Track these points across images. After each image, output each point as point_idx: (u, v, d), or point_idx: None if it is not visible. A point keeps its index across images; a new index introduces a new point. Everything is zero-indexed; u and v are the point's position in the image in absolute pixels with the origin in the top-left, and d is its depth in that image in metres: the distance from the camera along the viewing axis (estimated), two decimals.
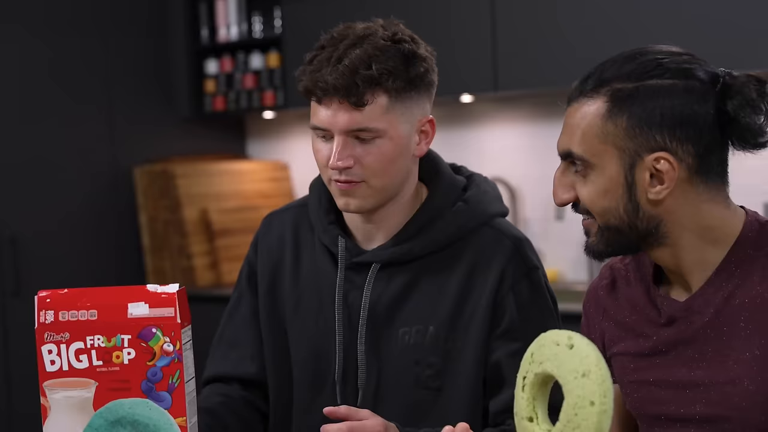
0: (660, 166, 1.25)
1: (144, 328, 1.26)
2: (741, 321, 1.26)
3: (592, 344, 1.11)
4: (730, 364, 1.26)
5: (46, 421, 1.30)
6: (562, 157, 1.31)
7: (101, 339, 1.27)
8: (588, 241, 1.32)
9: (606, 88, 1.26)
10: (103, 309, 1.27)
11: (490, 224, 1.58)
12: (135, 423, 1.26)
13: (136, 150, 4.00)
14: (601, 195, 1.27)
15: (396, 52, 1.48)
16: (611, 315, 1.41)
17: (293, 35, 3.85)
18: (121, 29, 3.95)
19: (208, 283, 3.89)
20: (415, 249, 1.55)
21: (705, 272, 1.30)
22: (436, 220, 1.56)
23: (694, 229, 1.28)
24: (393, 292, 1.56)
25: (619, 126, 1.25)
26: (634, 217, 1.27)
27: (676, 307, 1.32)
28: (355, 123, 1.46)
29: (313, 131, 1.53)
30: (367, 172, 1.48)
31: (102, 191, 3.90)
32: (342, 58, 1.45)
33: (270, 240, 1.67)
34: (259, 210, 4.11)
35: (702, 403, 1.29)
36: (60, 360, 1.28)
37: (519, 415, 1.18)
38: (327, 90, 1.45)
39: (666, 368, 1.32)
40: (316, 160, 1.53)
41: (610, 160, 1.26)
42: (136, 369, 1.26)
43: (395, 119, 1.49)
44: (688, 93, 1.25)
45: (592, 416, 1.08)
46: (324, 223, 1.60)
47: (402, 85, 1.48)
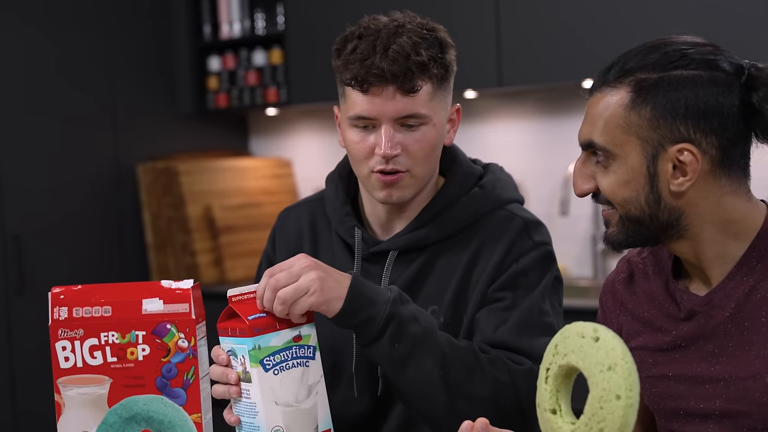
0: (683, 158, 1.23)
1: (158, 324, 1.25)
2: (762, 316, 1.25)
3: (618, 337, 1.09)
4: (751, 359, 1.25)
5: (60, 418, 1.29)
6: (583, 147, 1.29)
7: (115, 335, 1.26)
8: (607, 232, 1.30)
9: (630, 78, 1.24)
10: (117, 305, 1.26)
11: (504, 208, 1.58)
12: (149, 419, 1.25)
13: (139, 147, 4.00)
14: (622, 185, 1.25)
15: (434, 40, 1.49)
16: (629, 309, 1.40)
17: (296, 32, 3.84)
18: (123, 26, 3.94)
19: (212, 280, 3.89)
20: (432, 234, 1.55)
21: (726, 266, 1.28)
22: (452, 206, 1.56)
23: (716, 222, 1.27)
24: (408, 278, 1.55)
25: (642, 116, 1.23)
26: (656, 208, 1.25)
27: (696, 302, 1.30)
28: (406, 109, 1.46)
29: (348, 122, 1.51)
30: (411, 161, 1.48)
31: (105, 189, 3.89)
32: (389, 46, 1.44)
33: (287, 234, 1.66)
34: (263, 207, 4.11)
35: (722, 399, 1.27)
36: (74, 356, 1.27)
37: (542, 407, 1.16)
38: (383, 77, 1.44)
39: (685, 363, 1.31)
40: (353, 152, 1.51)
41: (632, 150, 1.24)
42: (151, 365, 1.25)
43: (437, 106, 1.50)
44: (713, 84, 1.23)
45: (617, 410, 1.06)
46: (340, 215, 1.59)
47: (442, 72, 1.49)
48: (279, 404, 1.27)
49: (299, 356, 1.30)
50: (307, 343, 1.32)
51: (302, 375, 1.30)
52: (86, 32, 3.82)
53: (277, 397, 1.27)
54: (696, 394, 1.29)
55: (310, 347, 1.32)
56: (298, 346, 1.30)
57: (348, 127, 1.51)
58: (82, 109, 3.80)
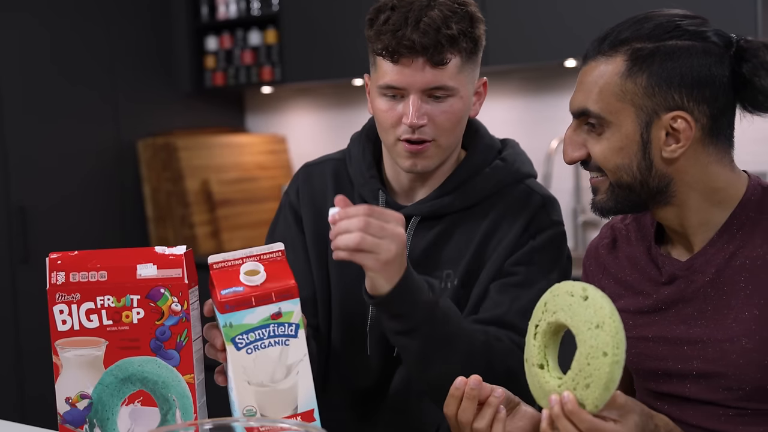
0: (677, 125, 1.22)
1: (152, 288, 1.23)
2: (741, 281, 1.24)
3: (606, 297, 1.09)
4: (729, 322, 1.25)
5: (58, 379, 1.27)
6: (575, 115, 1.28)
7: (111, 299, 1.24)
8: (596, 199, 1.29)
9: (626, 47, 1.23)
10: (113, 270, 1.24)
11: (524, 182, 1.58)
12: (144, 380, 1.24)
13: (139, 124, 3.98)
14: (615, 152, 1.24)
15: (465, 14, 1.46)
16: (611, 273, 1.39)
17: (290, 12, 3.81)
18: (123, 7, 3.92)
19: (209, 251, 3.87)
20: (456, 203, 1.54)
21: (708, 233, 1.27)
22: (475, 176, 1.55)
23: (702, 190, 1.26)
24: (426, 243, 1.55)
25: (638, 84, 1.22)
26: (647, 174, 1.24)
27: (678, 266, 1.29)
28: (434, 81, 1.44)
29: (377, 90, 1.49)
30: (437, 131, 1.47)
31: (107, 164, 3.88)
32: (420, 18, 1.42)
33: (312, 188, 1.63)
34: (258, 181, 4.10)
35: (699, 360, 1.27)
36: (71, 320, 1.26)
37: (530, 362, 1.16)
38: (413, 48, 1.42)
39: (665, 325, 1.30)
40: (381, 119, 1.50)
41: (626, 117, 1.23)
42: (145, 328, 1.24)
43: (464, 79, 1.48)
44: (706, 55, 1.23)
45: (604, 366, 1.06)
46: (366, 177, 1.58)
47: (471, 46, 1.47)
48: (252, 384, 1.20)
49: (277, 335, 1.20)
50: (288, 321, 1.20)
51: (280, 354, 1.20)
52: (87, 14, 3.78)
53: (249, 376, 1.19)
54: (674, 355, 1.29)
55: (292, 325, 1.20)
56: (276, 324, 1.20)
57: (377, 95, 1.49)
58: (85, 87, 3.78)
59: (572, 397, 1.08)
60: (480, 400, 1.24)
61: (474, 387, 1.23)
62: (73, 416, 1.28)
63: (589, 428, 1.08)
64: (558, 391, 1.11)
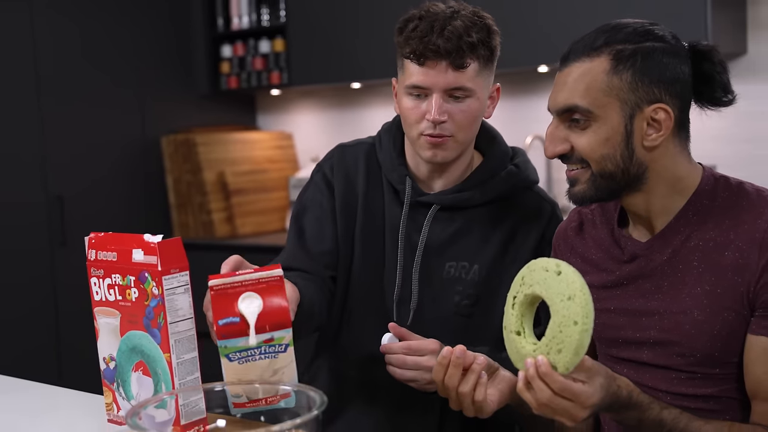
0: (657, 116, 1.21)
1: (140, 272, 1.20)
2: (695, 261, 1.24)
3: (578, 272, 1.08)
4: (683, 297, 1.24)
5: (99, 340, 1.28)
6: (559, 112, 1.25)
7: (119, 277, 1.23)
8: (575, 189, 1.27)
9: (608, 48, 1.22)
10: (120, 252, 1.23)
11: (532, 189, 1.60)
12: (142, 353, 1.22)
13: (162, 122, 3.97)
14: (602, 143, 1.22)
15: (483, 26, 1.47)
16: (578, 252, 1.39)
17: (295, 24, 3.80)
18: (149, 19, 3.90)
19: (225, 235, 3.87)
20: (475, 198, 1.55)
21: (667, 217, 1.27)
22: (494, 176, 1.56)
23: (668, 178, 1.26)
24: (446, 232, 1.55)
25: (624, 80, 1.21)
26: (629, 162, 1.23)
27: (639, 247, 1.29)
28: (455, 82, 1.45)
29: (404, 90, 1.49)
30: (455, 128, 1.47)
31: (134, 157, 3.87)
32: (445, 27, 1.43)
33: (346, 164, 1.63)
34: (268, 173, 4.09)
35: (655, 329, 1.27)
36: (100, 291, 1.26)
37: (508, 329, 1.16)
38: (438, 52, 1.43)
39: (625, 298, 1.30)
40: (406, 116, 1.50)
41: (612, 110, 1.21)
42: (139, 306, 1.21)
43: (481, 82, 1.49)
44: (675, 55, 1.23)
45: (575, 334, 1.05)
46: (395, 163, 1.58)
47: (488, 54, 1.48)
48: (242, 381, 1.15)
49: (268, 352, 1.15)
50: (280, 342, 1.15)
51: (269, 364, 1.15)
52: (119, 25, 3.77)
53: (240, 377, 1.15)
54: (633, 325, 1.29)
55: (282, 344, 1.15)
56: (268, 345, 1.14)
57: (404, 94, 1.50)
58: (115, 89, 3.77)
59: (546, 361, 1.08)
60: (464, 367, 1.24)
61: (459, 356, 1.23)
62: (107, 374, 1.29)
63: (560, 388, 1.08)
64: (533, 355, 1.10)
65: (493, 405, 1.27)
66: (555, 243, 1.45)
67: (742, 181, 1.28)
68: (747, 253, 1.20)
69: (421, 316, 1.54)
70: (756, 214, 1.21)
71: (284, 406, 1.10)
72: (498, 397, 1.27)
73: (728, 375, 1.24)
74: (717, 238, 1.23)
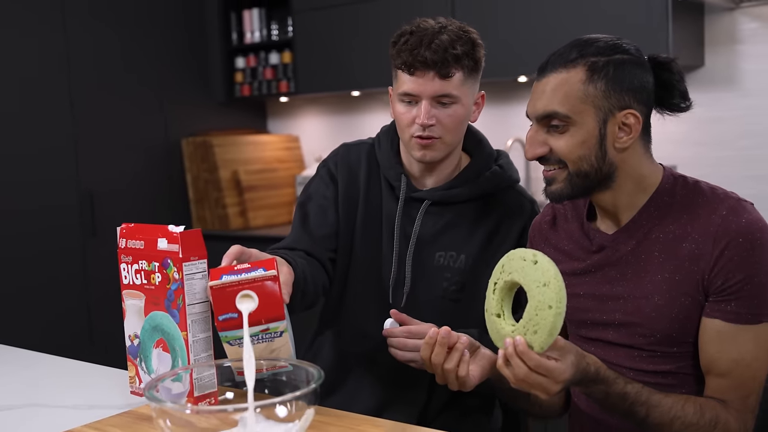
0: (628, 121, 1.21)
1: (164, 258, 1.20)
2: (656, 251, 1.23)
3: (552, 261, 1.08)
4: (645, 283, 1.24)
5: (125, 320, 1.28)
6: (538, 118, 1.24)
7: (145, 263, 1.23)
8: (552, 188, 1.26)
9: (584, 60, 1.21)
10: (146, 241, 1.23)
11: (514, 187, 1.60)
12: (163, 331, 1.22)
13: (182, 126, 3.95)
14: (578, 145, 1.21)
15: (468, 40, 1.47)
16: (552, 243, 1.38)
17: (302, 38, 3.78)
18: (172, 34, 3.89)
19: (238, 227, 3.86)
20: (462, 194, 1.54)
21: (632, 212, 1.26)
22: (479, 175, 1.56)
23: (634, 177, 1.25)
24: (437, 225, 1.54)
25: (598, 89, 1.20)
26: (602, 162, 1.22)
27: (605, 238, 1.28)
28: (442, 90, 1.45)
29: (397, 96, 1.49)
30: (443, 131, 1.47)
31: (157, 157, 3.85)
32: (432, 40, 1.43)
33: (349, 161, 1.62)
34: (277, 171, 4.08)
35: (620, 312, 1.26)
36: (129, 276, 1.26)
37: (489, 312, 1.15)
38: (426, 63, 1.43)
39: (593, 284, 1.29)
40: (400, 120, 1.50)
41: (588, 116, 1.21)
42: (162, 289, 1.21)
43: (467, 90, 1.48)
44: (640, 66, 1.22)
45: (549, 317, 1.05)
46: (392, 162, 1.58)
47: (472, 65, 1.47)
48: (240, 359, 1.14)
49: (265, 338, 1.14)
50: (275, 331, 1.14)
51: (266, 347, 1.15)
52: (145, 39, 3.76)
53: (239, 356, 1.13)
54: (600, 309, 1.28)
55: (278, 332, 1.14)
56: (264, 333, 1.14)
57: (397, 101, 1.50)
58: (141, 97, 3.75)
59: (523, 341, 1.07)
60: (449, 346, 1.24)
61: (444, 336, 1.23)
62: (131, 350, 1.29)
63: (536, 365, 1.07)
64: (511, 335, 1.10)
65: (474, 380, 1.26)
66: (531, 235, 1.44)
67: (698, 180, 1.27)
68: (702, 245, 1.19)
69: (413, 299, 1.53)
70: (710, 209, 1.21)
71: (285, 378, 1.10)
72: (479, 372, 1.27)
73: (685, 353, 1.23)
74: (676, 231, 1.22)
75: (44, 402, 1.33)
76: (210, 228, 3.86)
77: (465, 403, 1.56)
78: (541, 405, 1.37)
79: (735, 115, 2.97)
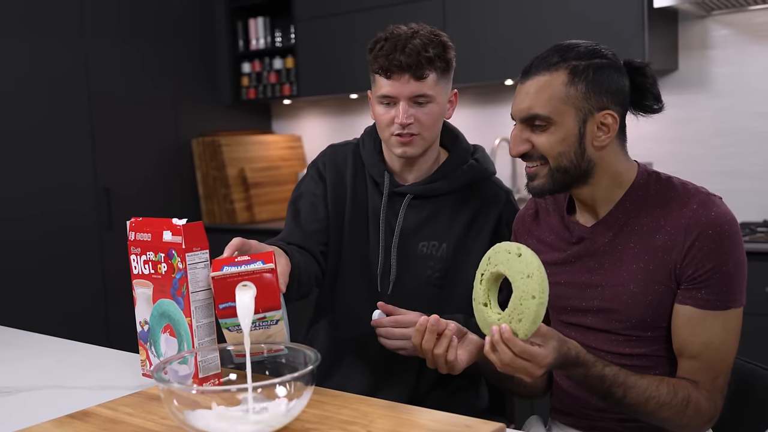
0: (606, 121, 1.20)
1: (169, 249, 1.19)
2: (631, 242, 1.23)
3: (535, 254, 1.07)
4: (621, 272, 1.23)
5: (136, 307, 1.28)
6: (522, 119, 1.23)
7: (152, 254, 1.22)
8: (534, 183, 1.25)
9: (565, 64, 1.20)
10: (153, 234, 1.22)
11: (490, 179, 1.59)
12: (169, 317, 1.22)
13: (192, 127, 3.94)
14: (559, 142, 1.21)
15: (439, 43, 1.46)
16: (535, 235, 1.38)
17: (303, 45, 3.77)
18: (183, 42, 3.88)
19: (245, 221, 3.85)
20: (442, 187, 1.54)
21: (608, 206, 1.26)
22: (457, 169, 1.55)
23: (610, 173, 1.24)
24: (419, 217, 1.54)
25: (579, 91, 1.19)
26: (581, 159, 1.22)
27: (584, 231, 1.28)
28: (417, 91, 1.44)
29: (376, 99, 1.49)
30: (420, 128, 1.47)
31: (169, 156, 3.84)
32: (406, 45, 1.43)
33: (336, 160, 1.62)
34: (281, 169, 4.07)
35: (598, 299, 1.26)
36: (138, 266, 1.25)
37: (476, 301, 1.14)
38: (401, 67, 1.43)
39: (573, 274, 1.29)
40: (380, 121, 1.50)
41: (568, 116, 1.20)
42: (168, 278, 1.20)
43: (440, 90, 1.47)
44: (617, 70, 1.22)
45: (533, 306, 1.04)
46: (375, 160, 1.58)
47: (444, 66, 1.47)
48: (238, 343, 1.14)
49: (261, 326, 1.13)
50: (272, 319, 1.13)
51: (262, 333, 1.14)
52: (159, 47, 3.75)
53: (237, 341, 1.14)
54: (580, 296, 1.28)
55: (274, 320, 1.13)
56: (261, 321, 1.13)
57: (376, 103, 1.49)
58: (153, 100, 3.74)
59: (508, 328, 1.07)
60: (438, 333, 1.23)
61: (433, 323, 1.22)
62: (142, 335, 1.28)
63: (520, 351, 1.07)
64: (497, 323, 1.09)
65: (462, 364, 1.26)
66: (515, 228, 1.43)
67: (671, 175, 1.27)
68: (674, 236, 1.19)
69: (399, 286, 1.53)
70: (682, 203, 1.20)
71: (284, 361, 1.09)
72: (467, 357, 1.27)
73: (658, 337, 1.23)
74: (650, 223, 1.22)
75: (62, 384, 1.32)
76: (218, 222, 3.86)
77: (453, 384, 1.56)
78: (525, 386, 1.36)
79: (707, 115, 2.97)
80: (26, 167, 3.29)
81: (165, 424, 1.03)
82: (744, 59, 2.87)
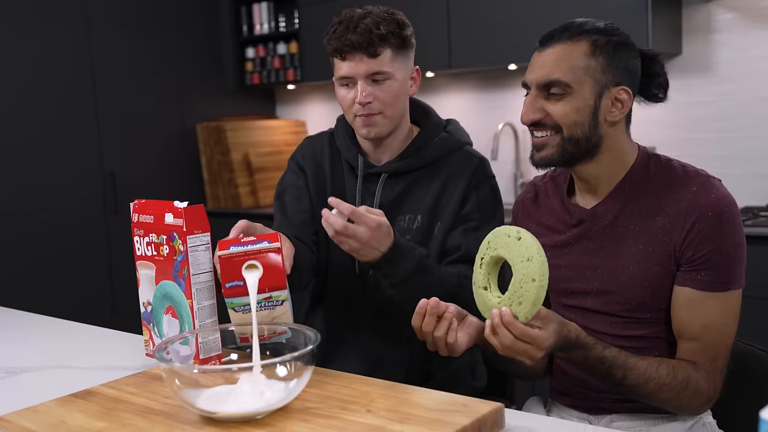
0: (620, 96, 1.21)
1: (171, 231, 1.19)
2: (631, 224, 1.23)
3: (535, 237, 1.07)
4: (621, 254, 1.23)
5: (140, 288, 1.28)
6: (539, 85, 1.22)
7: (154, 236, 1.22)
8: (542, 153, 1.23)
9: (588, 36, 1.20)
10: (156, 216, 1.22)
11: (463, 149, 1.57)
12: (171, 298, 1.22)
13: (197, 112, 3.93)
14: (574, 111, 1.20)
15: (392, 20, 1.46)
16: (535, 218, 1.37)
17: (307, 30, 3.75)
18: (187, 27, 3.87)
19: (249, 205, 3.85)
20: (416, 163, 1.53)
21: (609, 186, 1.25)
22: (428, 143, 1.54)
23: (616, 152, 1.24)
24: (395, 194, 1.54)
25: (599, 63, 1.19)
26: (593, 131, 1.21)
27: (584, 213, 1.27)
28: (372, 68, 1.44)
29: (337, 82, 1.48)
30: (382, 105, 1.47)
31: (174, 141, 3.84)
32: (357, 25, 1.43)
33: (314, 151, 1.63)
34: (285, 154, 4.06)
35: (598, 281, 1.26)
36: (141, 248, 1.25)
37: (476, 285, 1.14)
38: (353, 46, 1.42)
39: (573, 256, 1.29)
40: (343, 104, 1.49)
41: (586, 86, 1.20)
42: (169, 260, 1.20)
43: (397, 66, 1.47)
44: (633, 50, 1.23)
45: (533, 289, 1.04)
46: (349, 145, 1.58)
47: (399, 42, 1.46)
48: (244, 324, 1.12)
49: (267, 306, 1.13)
50: (277, 299, 1.13)
51: (268, 314, 1.14)
52: (163, 33, 3.74)
53: (243, 321, 1.14)
54: (580, 278, 1.28)
55: (279, 300, 1.13)
56: (267, 301, 1.13)
57: (338, 86, 1.49)
58: (158, 85, 3.73)
59: (508, 311, 1.06)
60: (438, 315, 1.23)
61: (434, 306, 1.22)
62: (145, 316, 1.28)
63: (521, 334, 1.07)
64: (498, 307, 1.09)
65: (462, 346, 1.26)
66: (515, 211, 1.43)
67: (671, 158, 1.26)
68: (674, 219, 1.18)
69: None
70: (682, 186, 1.20)
71: (284, 341, 1.09)
72: (467, 339, 1.26)
73: (657, 319, 1.23)
74: (649, 205, 1.21)
75: (66, 364, 1.33)
76: (223, 206, 3.86)
77: (452, 364, 1.56)
78: (525, 368, 1.36)
79: (709, 100, 2.95)
80: (34, 156, 3.30)
81: (167, 404, 1.04)
82: (749, 43, 2.84)
